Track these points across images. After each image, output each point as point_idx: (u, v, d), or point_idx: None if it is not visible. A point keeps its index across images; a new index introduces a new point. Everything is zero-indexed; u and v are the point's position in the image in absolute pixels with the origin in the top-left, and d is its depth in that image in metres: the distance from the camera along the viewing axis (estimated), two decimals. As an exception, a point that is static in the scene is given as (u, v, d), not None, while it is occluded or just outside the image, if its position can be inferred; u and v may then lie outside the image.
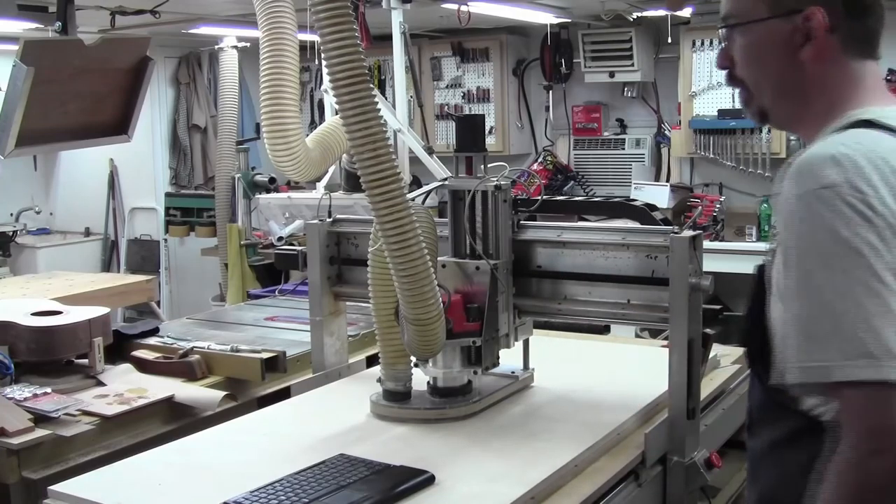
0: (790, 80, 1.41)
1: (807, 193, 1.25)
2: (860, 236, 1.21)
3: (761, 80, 1.45)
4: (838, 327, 1.21)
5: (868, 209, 1.22)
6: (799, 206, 1.26)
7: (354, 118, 1.84)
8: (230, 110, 5.60)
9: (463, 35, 6.57)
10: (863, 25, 1.37)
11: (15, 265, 6.82)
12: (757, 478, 1.51)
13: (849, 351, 1.20)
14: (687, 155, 6.19)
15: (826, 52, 1.37)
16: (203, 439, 2.17)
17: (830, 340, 1.22)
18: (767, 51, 1.41)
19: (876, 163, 1.25)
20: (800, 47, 1.37)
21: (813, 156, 1.28)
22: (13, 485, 2.16)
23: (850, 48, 1.37)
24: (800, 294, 1.26)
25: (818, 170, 1.25)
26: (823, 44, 1.36)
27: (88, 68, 3.23)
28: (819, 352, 1.23)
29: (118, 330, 2.87)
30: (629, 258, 2.24)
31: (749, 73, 1.46)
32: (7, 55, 3.56)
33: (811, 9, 1.34)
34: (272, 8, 2.56)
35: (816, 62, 1.37)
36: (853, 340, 1.20)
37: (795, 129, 1.52)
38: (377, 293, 2.23)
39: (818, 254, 1.24)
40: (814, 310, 1.24)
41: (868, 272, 1.21)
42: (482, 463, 1.96)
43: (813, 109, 1.41)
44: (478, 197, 2.28)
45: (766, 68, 1.43)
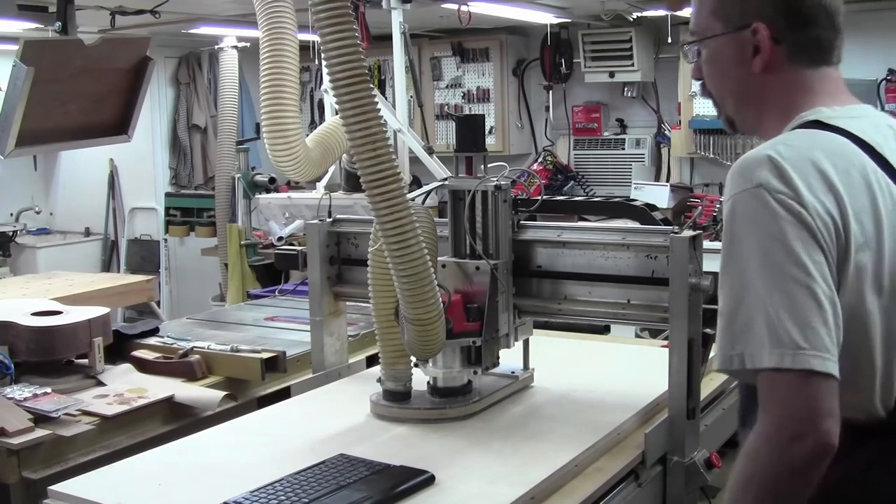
0: (746, 89, 1.52)
1: (740, 192, 1.35)
2: (786, 232, 1.30)
3: (724, 91, 1.56)
4: (766, 317, 1.28)
5: (795, 206, 1.31)
6: (732, 203, 1.36)
7: (354, 118, 1.84)
8: (230, 110, 5.59)
9: (463, 35, 6.58)
10: (807, 36, 1.47)
11: (15, 265, 6.82)
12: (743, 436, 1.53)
13: (774, 340, 1.27)
14: (687, 155, 6.20)
15: (774, 62, 1.47)
16: (203, 439, 2.17)
17: (757, 330, 1.29)
18: (725, 63, 1.52)
19: (802, 164, 1.34)
20: (751, 59, 1.48)
21: (749, 157, 1.38)
22: (13, 485, 2.16)
23: (797, 57, 1.47)
24: (731, 286, 1.34)
25: (751, 170, 1.35)
26: (770, 54, 1.46)
27: (88, 68, 3.23)
28: (744, 341, 1.30)
29: (118, 330, 2.86)
30: (629, 258, 2.24)
31: (713, 84, 1.57)
32: (7, 55, 3.56)
33: (756, 24, 1.45)
34: (272, 8, 2.56)
35: (766, 71, 1.48)
36: (778, 330, 1.27)
37: (759, 135, 1.58)
38: (377, 293, 2.23)
39: (748, 249, 1.32)
40: (741, 301, 1.32)
41: (794, 266, 1.29)
42: (482, 463, 1.96)
43: (770, 116, 1.51)
44: (478, 197, 2.28)
45: (725, 79, 1.55)
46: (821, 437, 1.26)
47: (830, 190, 1.34)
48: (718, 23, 1.50)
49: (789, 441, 1.26)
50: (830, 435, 1.26)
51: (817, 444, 1.26)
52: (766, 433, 1.29)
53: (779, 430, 1.28)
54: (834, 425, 1.26)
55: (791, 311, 1.27)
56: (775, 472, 1.28)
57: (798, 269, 1.29)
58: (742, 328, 1.31)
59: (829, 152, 1.37)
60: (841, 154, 1.39)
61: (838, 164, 1.36)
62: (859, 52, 5.80)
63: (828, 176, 1.34)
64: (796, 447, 1.26)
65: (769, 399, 1.30)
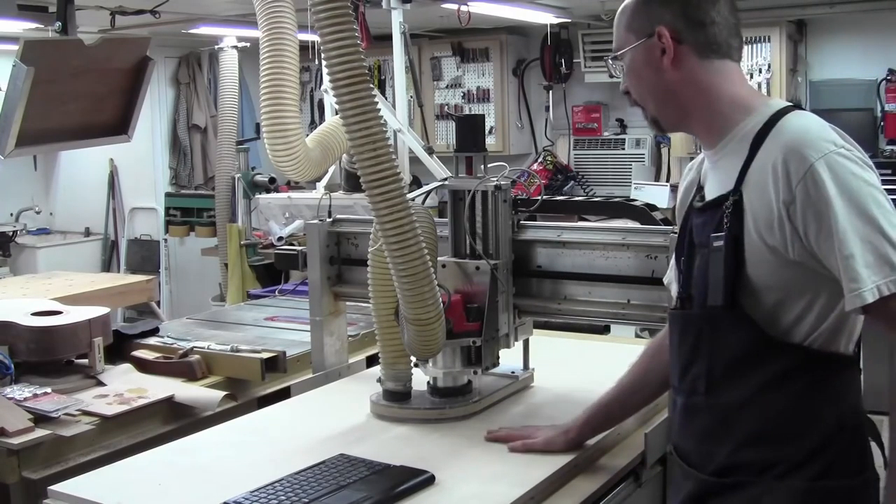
0: (662, 87, 1.69)
1: (828, 154, 1.49)
2: (877, 183, 1.51)
3: (644, 95, 1.73)
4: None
5: (871, 165, 1.53)
6: (820, 167, 1.49)
7: (354, 118, 1.84)
8: (230, 110, 5.59)
9: (463, 35, 6.57)
10: (706, 34, 1.65)
11: (15, 265, 6.82)
12: (732, 427, 1.62)
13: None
14: (687, 155, 6.19)
15: (680, 58, 1.66)
16: (203, 439, 2.17)
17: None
18: (641, 69, 1.70)
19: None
20: (661, 60, 1.66)
21: (810, 128, 1.55)
22: (13, 485, 2.16)
23: (703, 52, 1.66)
24: (855, 233, 1.46)
25: (824, 138, 1.52)
26: (675, 52, 1.65)
27: (88, 68, 3.23)
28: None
29: (118, 330, 2.87)
30: (629, 258, 2.24)
31: (635, 91, 1.74)
32: (7, 55, 3.56)
33: (659, 28, 1.65)
34: (272, 8, 2.56)
35: (675, 67, 1.66)
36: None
37: (684, 128, 1.79)
38: (377, 293, 2.23)
39: (863, 196, 1.48)
40: (879, 238, 1.46)
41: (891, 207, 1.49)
42: (482, 463, 1.96)
43: (696, 108, 1.68)
44: (478, 197, 2.28)
45: (643, 83, 1.72)
46: None
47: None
48: (632, 35, 1.70)
49: None
50: None
51: None
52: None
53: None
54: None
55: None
56: None
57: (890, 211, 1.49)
58: (886, 260, 1.45)
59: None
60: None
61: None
62: (859, 52, 5.81)
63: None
64: None
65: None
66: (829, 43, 5.92)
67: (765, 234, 1.55)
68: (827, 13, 5.54)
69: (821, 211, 1.48)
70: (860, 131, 5.52)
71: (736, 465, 1.62)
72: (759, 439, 1.60)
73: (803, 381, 1.57)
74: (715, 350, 1.63)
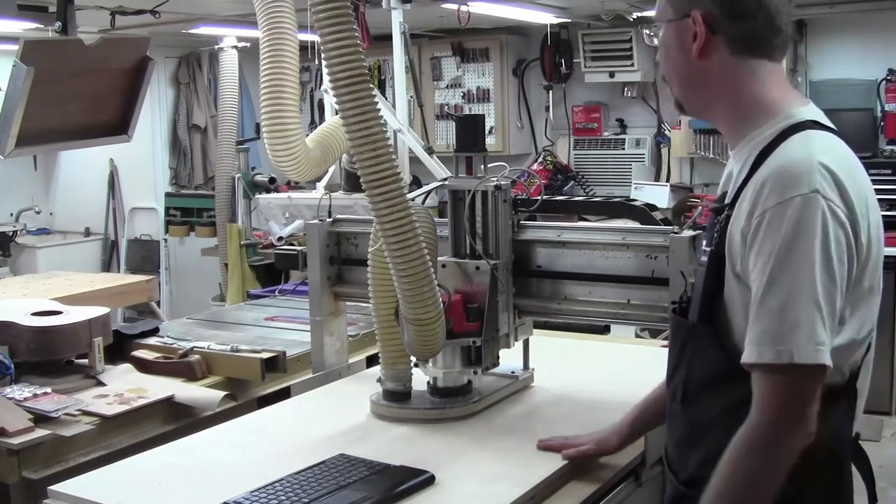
0: (688, 73, 1.62)
1: (798, 198, 1.40)
2: (832, 243, 1.40)
3: (670, 74, 1.66)
4: (811, 319, 1.39)
5: (842, 216, 1.41)
6: (787, 208, 1.41)
7: (354, 118, 1.84)
8: (230, 110, 5.59)
9: (463, 35, 6.57)
10: (744, 28, 1.55)
11: (15, 265, 6.82)
12: (701, 442, 1.59)
13: (815, 340, 1.39)
14: (687, 155, 6.20)
15: (710, 49, 1.56)
16: (203, 439, 2.17)
17: (804, 329, 1.39)
18: (672, 47, 1.62)
19: (849, 176, 1.44)
20: (691, 44, 1.57)
21: (796, 161, 1.45)
22: (13, 485, 2.16)
23: (736, 47, 1.56)
24: (785, 285, 1.40)
25: (804, 175, 1.42)
26: (706, 42, 1.56)
27: (88, 68, 3.23)
28: (793, 338, 1.39)
29: (118, 330, 2.86)
30: (629, 258, 2.24)
31: (664, 67, 1.67)
32: (7, 55, 3.56)
33: (694, 12, 1.56)
34: (272, 8, 2.56)
35: (702, 57, 1.57)
36: (818, 331, 1.39)
37: (707, 118, 1.70)
38: (377, 293, 2.23)
39: (803, 253, 1.40)
40: (791, 301, 1.40)
41: (832, 275, 1.40)
42: (482, 463, 1.96)
43: (718, 101, 1.61)
44: (478, 197, 2.28)
45: (671, 62, 1.64)
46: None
47: (865, 205, 1.46)
48: (670, 9, 1.61)
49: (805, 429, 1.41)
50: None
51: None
52: (782, 424, 1.41)
53: (798, 420, 1.41)
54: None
55: (829, 314, 1.40)
56: (780, 459, 1.41)
57: (834, 281, 1.40)
58: (791, 326, 1.39)
59: (857, 166, 1.50)
60: (861, 168, 1.51)
61: (865, 180, 1.50)
62: (859, 52, 5.81)
63: (863, 190, 1.47)
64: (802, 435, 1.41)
65: (794, 393, 1.40)
66: (829, 43, 5.92)
67: (734, 257, 1.51)
68: (827, 13, 5.54)
69: (764, 249, 1.42)
70: (860, 131, 5.53)
71: (701, 478, 1.55)
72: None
73: None
74: (693, 362, 1.60)
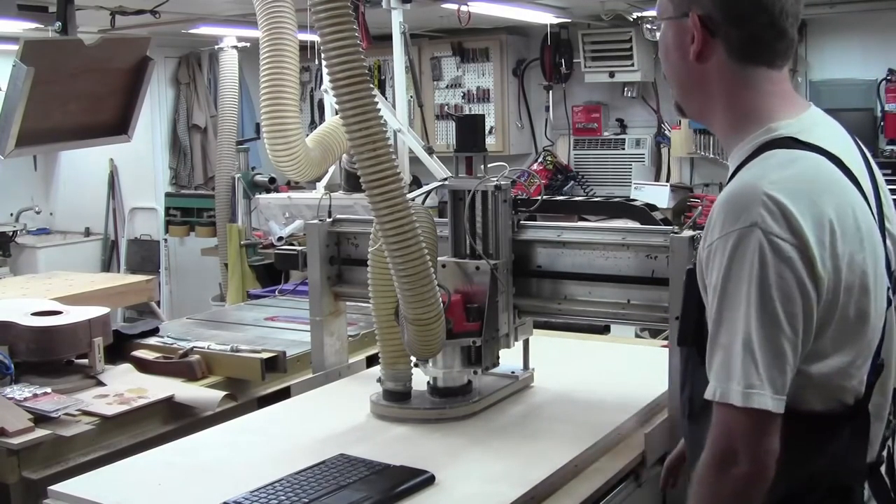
0: (686, 76, 1.55)
1: (734, 230, 1.35)
2: (772, 279, 1.33)
3: (670, 75, 1.61)
4: (744, 358, 1.35)
5: (787, 249, 1.33)
6: (728, 242, 1.36)
7: (354, 118, 1.84)
8: (230, 110, 5.59)
9: (463, 35, 6.57)
10: (741, 32, 1.47)
11: (15, 265, 6.82)
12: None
13: (743, 384, 1.35)
14: (687, 155, 6.20)
15: (708, 53, 1.49)
16: (203, 439, 2.17)
17: (735, 367, 1.36)
18: (671, 47, 1.56)
19: (801, 203, 1.35)
20: (689, 45, 1.50)
21: (741, 190, 1.39)
22: (13, 485, 2.16)
23: (734, 52, 1.48)
24: (724, 322, 1.38)
25: (745, 207, 1.36)
26: (704, 45, 1.49)
27: (88, 68, 3.23)
28: (726, 380, 1.37)
29: (118, 330, 2.86)
30: (629, 258, 2.24)
31: (664, 65, 1.61)
32: (7, 55, 3.56)
33: (692, 13, 1.48)
34: (272, 8, 2.56)
35: (699, 60, 1.50)
36: (751, 372, 1.34)
37: (706, 124, 1.62)
38: (377, 293, 2.23)
39: (741, 290, 1.35)
40: (729, 341, 1.37)
41: (772, 314, 1.34)
42: (482, 463, 1.96)
43: (714, 108, 1.54)
44: (478, 197, 2.28)
45: (670, 63, 1.58)
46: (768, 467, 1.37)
47: (828, 231, 1.36)
48: (671, 6, 1.54)
49: (746, 466, 1.37)
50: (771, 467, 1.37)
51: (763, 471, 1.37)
52: (718, 460, 1.39)
53: (732, 457, 1.37)
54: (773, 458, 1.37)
55: (764, 355, 1.34)
56: (721, 492, 1.39)
57: (775, 320, 1.34)
58: (728, 368, 1.37)
59: (825, 189, 1.39)
60: (833, 190, 1.41)
61: (836, 203, 1.39)
62: (859, 52, 5.81)
63: (826, 215, 1.37)
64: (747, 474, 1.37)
65: (735, 430, 1.37)
66: (829, 43, 5.92)
67: (703, 284, 1.47)
68: (827, 13, 5.54)
69: (710, 283, 1.41)
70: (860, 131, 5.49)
71: None
72: None
73: None
74: (695, 381, 1.56)
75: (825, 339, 1.41)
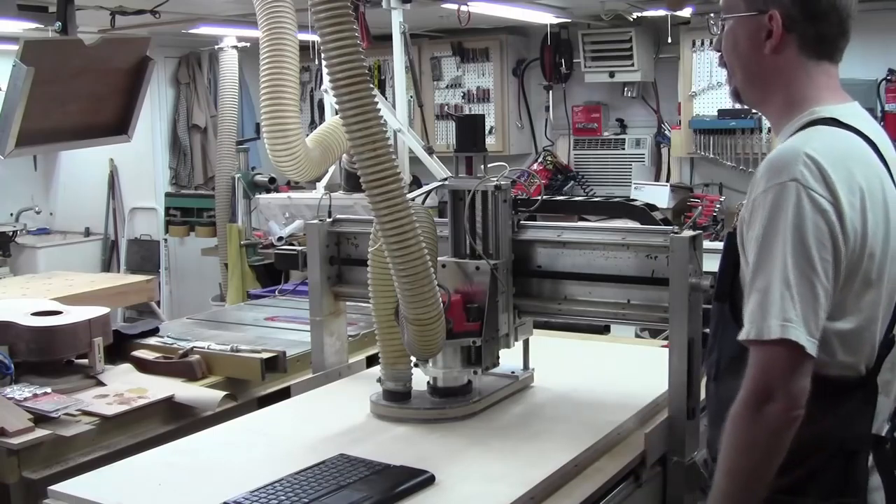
0: (755, 68, 1.69)
1: (776, 184, 1.51)
2: (808, 228, 1.48)
3: (735, 65, 1.72)
4: (782, 300, 1.48)
5: (823, 203, 1.49)
6: (768, 195, 1.51)
7: (354, 118, 1.84)
8: (230, 110, 5.59)
9: (463, 35, 6.57)
10: (816, 29, 1.63)
11: (15, 265, 6.82)
12: (726, 418, 1.62)
13: (778, 318, 1.48)
14: (687, 155, 6.19)
15: (782, 48, 1.64)
16: (203, 439, 2.17)
17: (775, 308, 1.48)
18: (741, 40, 1.69)
19: (837, 166, 1.51)
20: (763, 42, 1.65)
21: (784, 151, 1.55)
22: (13, 485, 2.16)
23: (804, 47, 1.64)
24: (764, 268, 1.50)
25: (787, 164, 1.52)
26: (780, 40, 1.63)
27: (88, 68, 3.23)
28: (762, 318, 1.49)
29: (118, 330, 2.86)
30: (629, 258, 2.24)
31: (729, 57, 1.73)
32: (7, 55, 3.56)
33: (772, 10, 1.62)
34: (272, 8, 2.56)
35: (775, 54, 1.65)
36: (789, 311, 1.47)
37: (762, 110, 1.82)
38: (377, 293, 2.23)
39: (780, 238, 1.49)
40: (767, 284, 1.49)
41: (809, 260, 1.48)
42: (482, 463, 1.96)
43: (775, 96, 1.69)
44: (478, 197, 2.28)
45: (739, 54, 1.71)
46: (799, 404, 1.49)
47: (859, 196, 1.52)
48: (743, 4, 1.66)
49: (784, 404, 1.48)
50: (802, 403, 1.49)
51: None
52: (756, 398, 1.50)
53: (769, 394, 1.49)
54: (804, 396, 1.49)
55: (800, 294, 1.47)
56: (759, 429, 1.50)
57: (811, 263, 1.48)
58: (767, 306, 1.49)
59: (859, 160, 1.56)
60: (866, 162, 1.57)
61: (867, 174, 1.55)
62: (859, 52, 5.75)
63: (858, 183, 1.52)
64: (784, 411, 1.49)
65: (771, 366, 1.49)
66: (829, 43, 5.91)
67: (742, 240, 1.61)
68: (827, 13, 5.53)
69: (751, 235, 1.54)
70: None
71: None
72: None
73: None
74: (723, 342, 1.70)
75: (847, 295, 1.54)
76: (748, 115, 5.69)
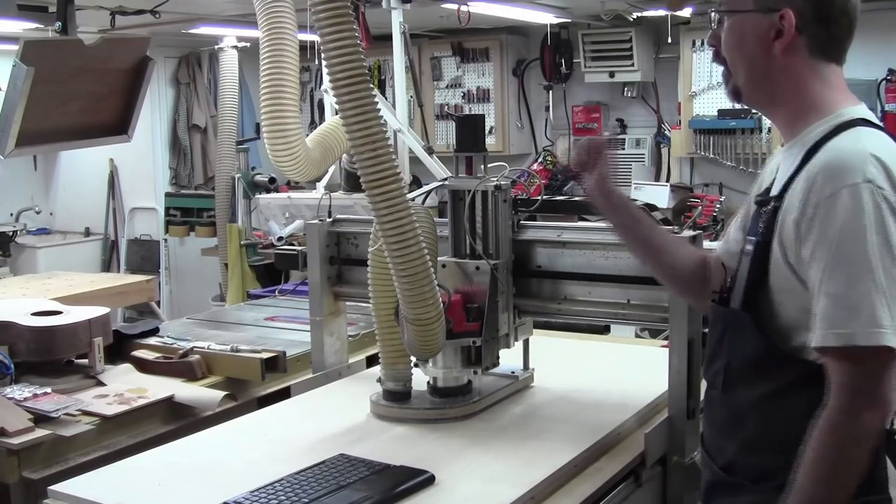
0: (761, 66, 1.63)
1: (848, 187, 1.45)
2: (890, 228, 1.44)
3: (738, 62, 1.66)
4: (872, 303, 1.43)
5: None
6: (838, 198, 1.46)
7: (354, 118, 1.84)
8: (230, 110, 5.59)
9: (463, 35, 6.57)
10: (827, 32, 1.60)
11: (15, 265, 6.82)
12: (740, 427, 1.63)
13: (879, 323, 1.42)
14: (687, 155, 6.19)
15: (793, 48, 1.59)
16: (203, 439, 2.17)
17: (865, 313, 1.43)
18: (747, 38, 1.63)
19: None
20: (773, 41, 1.59)
21: (847, 153, 1.50)
22: (13, 485, 2.16)
23: (815, 49, 1.60)
24: (842, 271, 1.45)
25: (856, 165, 1.47)
26: (792, 41, 1.59)
27: (88, 68, 3.23)
28: (856, 322, 1.43)
29: (118, 330, 2.87)
30: (629, 258, 2.24)
31: (730, 54, 1.67)
32: (7, 55, 3.56)
33: (785, 9, 1.57)
34: (272, 8, 2.56)
35: (785, 55, 1.60)
36: (882, 315, 1.42)
37: (767, 111, 1.76)
38: (377, 293, 2.23)
39: (858, 240, 1.44)
40: (852, 285, 1.44)
41: (893, 259, 1.43)
42: (482, 463, 1.96)
43: (784, 98, 1.63)
44: (478, 197, 2.28)
45: (743, 53, 1.65)
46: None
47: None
48: (752, 0, 1.61)
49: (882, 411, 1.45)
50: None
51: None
52: (852, 407, 1.44)
53: (866, 401, 1.44)
54: None
55: (892, 297, 1.43)
56: (856, 440, 1.45)
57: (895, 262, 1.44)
58: (852, 311, 1.43)
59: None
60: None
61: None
62: (859, 52, 5.70)
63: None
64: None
65: (864, 373, 1.44)
66: (829, 43, 5.91)
67: (787, 247, 1.55)
68: (827, 13, 5.53)
69: (821, 238, 1.47)
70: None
71: (739, 464, 1.63)
72: (762, 444, 1.60)
73: (808, 397, 1.52)
74: (734, 349, 1.64)
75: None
76: (748, 115, 5.68)
